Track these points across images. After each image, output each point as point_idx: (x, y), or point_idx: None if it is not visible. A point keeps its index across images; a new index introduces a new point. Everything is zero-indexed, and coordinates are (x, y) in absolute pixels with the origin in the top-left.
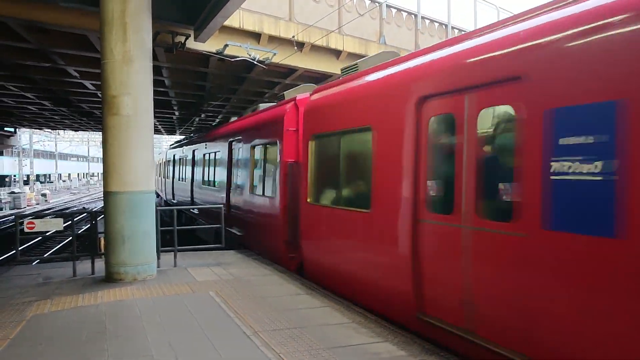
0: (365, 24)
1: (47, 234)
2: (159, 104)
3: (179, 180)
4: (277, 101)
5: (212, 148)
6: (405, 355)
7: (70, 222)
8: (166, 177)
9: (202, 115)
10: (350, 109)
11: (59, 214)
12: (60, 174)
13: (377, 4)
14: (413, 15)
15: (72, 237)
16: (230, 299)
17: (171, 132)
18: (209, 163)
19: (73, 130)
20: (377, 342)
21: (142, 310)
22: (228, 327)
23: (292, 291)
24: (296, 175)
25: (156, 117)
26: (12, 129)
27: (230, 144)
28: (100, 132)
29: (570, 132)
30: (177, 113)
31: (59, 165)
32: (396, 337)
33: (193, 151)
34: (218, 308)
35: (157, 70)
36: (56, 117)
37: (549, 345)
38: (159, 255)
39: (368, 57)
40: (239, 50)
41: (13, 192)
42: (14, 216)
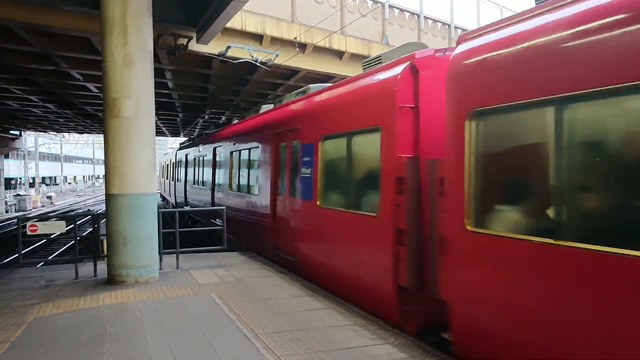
0: (368, 25)
1: (52, 236)
2: (162, 106)
3: (195, 184)
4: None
5: (246, 144)
6: (405, 357)
7: (73, 224)
8: (176, 180)
9: (206, 117)
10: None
11: (61, 216)
12: (66, 177)
13: (380, 5)
14: (415, 16)
15: (74, 240)
16: (231, 301)
17: (175, 134)
18: (241, 164)
19: (78, 132)
20: (377, 345)
21: (143, 312)
22: (229, 329)
23: (294, 293)
24: (421, 180)
25: (160, 119)
26: (17, 132)
27: (277, 137)
28: None
29: None
30: (180, 115)
31: (64, 167)
32: (397, 339)
33: (215, 149)
34: (219, 310)
35: (160, 73)
36: (60, 120)
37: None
38: (161, 258)
39: None
40: (242, 52)
41: (19, 195)
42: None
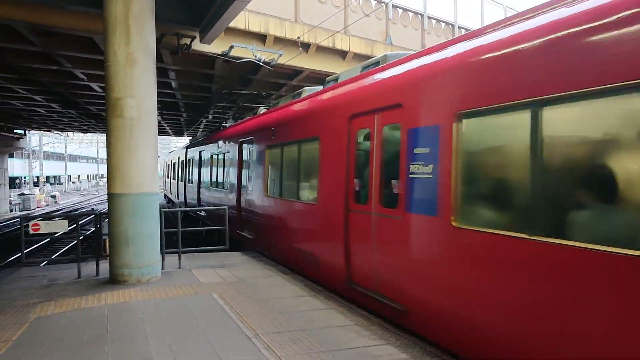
0: (371, 25)
1: (55, 235)
2: (166, 105)
3: (213, 186)
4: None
5: (294, 132)
6: (406, 358)
7: (76, 224)
8: (186, 181)
9: (210, 116)
10: None
11: (64, 215)
12: (70, 176)
13: (383, 4)
14: (419, 15)
15: (77, 239)
16: (233, 301)
17: (179, 133)
18: (291, 163)
19: (82, 132)
20: (378, 345)
21: (144, 312)
22: (230, 329)
23: (296, 293)
24: None
25: (163, 118)
26: (22, 131)
27: (351, 122)
28: None
29: None
30: (184, 115)
31: (68, 166)
32: (398, 339)
33: (240, 145)
34: (220, 310)
35: (164, 72)
36: (64, 119)
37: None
38: (163, 257)
39: None
40: (245, 51)
41: (23, 194)
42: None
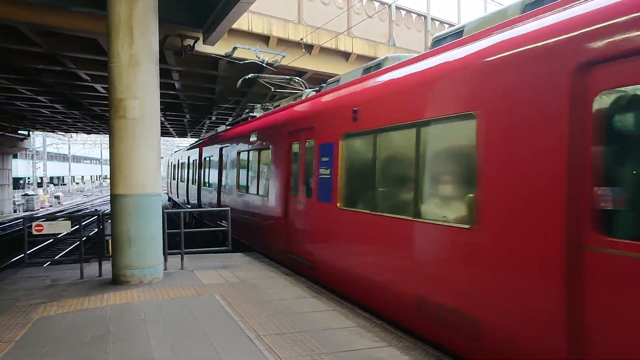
0: (375, 26)
1: (59, 236)
2: (169, 106)
3: (241, 190)
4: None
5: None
6: None
7: (79, 225)
8: (202, 184)
9: (213, 117)
10: None
11: (67, 216)
12: (74, 177)
13: (387, 6)
14: (423, 17)
15: (79, 240)
16: (235, 302)
17: (182, 134)
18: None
19: (85, 133)
20: (380, 347)
21: (146, 313)
22: (232, 330)
23: (298, 294)
24: None
25: (167, 119)
26: (26, 132)
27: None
28: None
29: None
30: (187, 116)
31: (72, 167)
32: (400, 341)
33: (293, 136)
34: (222, 311)
35: (167, 73)
36: (68, 120)
37: None
38: (165, 258)
39: None
40: (248, 53)
41: (27, 195)
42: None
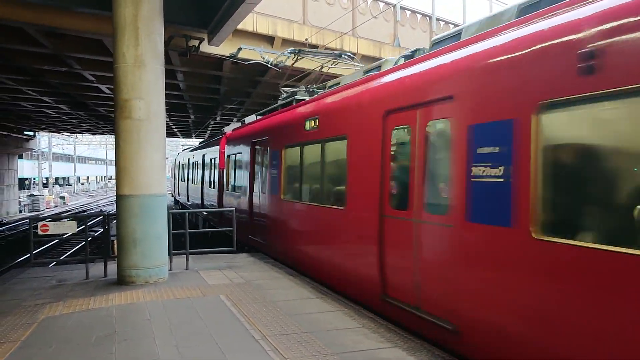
0: (379, 26)
1: (64, 236)
2: (174, 107)
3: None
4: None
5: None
6: None
7: (84, 225)
8: (224, 189)
9: (217, 118)
10: None
11: (72, 216)
12: (79, 177)
13: (391, 6)
14: (427, 17)
15: (85, 240)
16: (240, 302)
17: (187, 135)
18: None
19: (91, 133)
20: (386, 348)
21: (151, 313)
22: (237, 331)
23: (303, 295)
24: None
25: (172, 120)
26: (31, 133)
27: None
28: None
29: None
30: (192, 116)
31: (77, 168)
32: (406, 342)
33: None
34: (228, 312)
35: (172, 74)
36: (74, 121)
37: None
38: (171, 259)
39: None
40: (253, 53)
41: (32, 195)
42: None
